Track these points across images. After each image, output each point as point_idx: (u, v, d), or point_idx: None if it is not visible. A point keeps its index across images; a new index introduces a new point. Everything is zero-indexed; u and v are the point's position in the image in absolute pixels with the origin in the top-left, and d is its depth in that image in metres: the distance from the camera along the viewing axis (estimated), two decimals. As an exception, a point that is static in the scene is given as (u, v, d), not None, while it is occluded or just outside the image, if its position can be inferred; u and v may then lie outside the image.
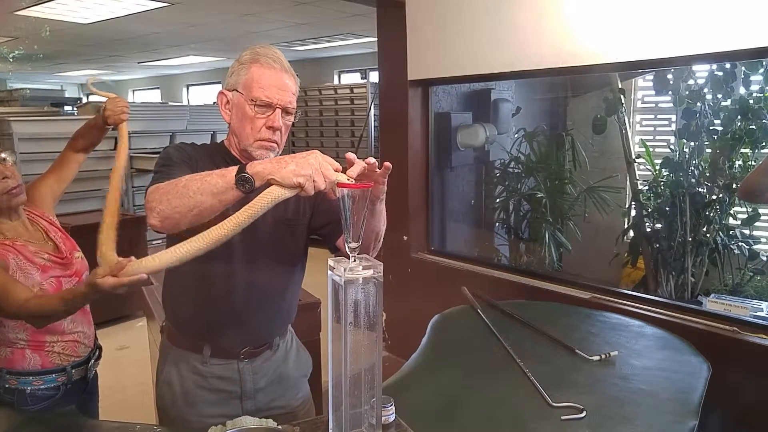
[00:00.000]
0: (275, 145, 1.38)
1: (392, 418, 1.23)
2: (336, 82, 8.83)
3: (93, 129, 1.81)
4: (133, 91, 13.05)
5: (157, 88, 12.30)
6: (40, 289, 1.54)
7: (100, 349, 1.80)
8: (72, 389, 1.63)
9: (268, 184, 1.07)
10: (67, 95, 9.59)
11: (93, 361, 1.71)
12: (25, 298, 1.39)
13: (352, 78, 8.67)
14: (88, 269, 1.69)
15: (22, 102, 6.02)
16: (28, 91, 6.82)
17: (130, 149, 5.08)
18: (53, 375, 1.59)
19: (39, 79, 11.75)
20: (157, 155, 1.39)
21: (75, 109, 5.91)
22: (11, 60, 7.98)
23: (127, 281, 1.09)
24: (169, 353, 1.46)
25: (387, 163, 1.16)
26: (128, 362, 3.72)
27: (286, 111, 1.36)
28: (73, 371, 1.63)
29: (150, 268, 1.08)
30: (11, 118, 4.73)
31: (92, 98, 13.04)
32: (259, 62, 1.34)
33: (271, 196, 1.06)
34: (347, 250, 1.11)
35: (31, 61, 8.32)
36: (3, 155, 1.58)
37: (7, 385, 1.55)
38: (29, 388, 1.56)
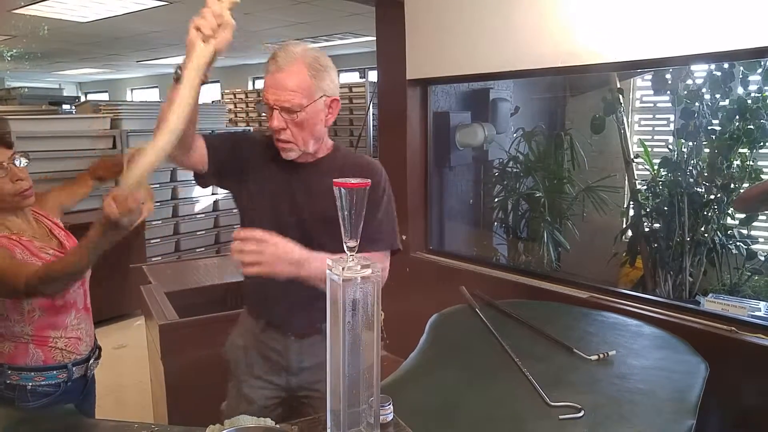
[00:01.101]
0: (288, 144, 1.43)
1: (390, 417, 1.24)
2: (335, 81, 8.82)
3: (113, 167, 1.89)
4: (132, 89, 13.03)
5: (156, 87, 12.29)
6: None
7: (100, 349, 1.80)
8: (72, 387, 1.64)
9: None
10: (65, 94, 9.57)
11: (93, 360, 1.72)
12: (33, 270, 1.41)
13: (351, 77, 8.67)
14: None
15: (20, 100, 5.99)
16: (26, 90, 6.79)
17: (128, 148, 5.07)
18: (54, 372, 1.59)
19: (37, 77, 11.74)
20: None
21: (73, 107, 5.88)
22: (9, 58, 7.97)
23: (131, 202, 1.12)
24: (242, 317, 1.65)
25: None
26: (126, 361, 3.71)
27: (285, 109, 1.37)
28: (74, 369, 1.63)
29: (141, 171, 1.08)
30: (9, 117, 4.71)
31: (90, 97, 13.03)
32: (267, 65, 1.40)
33: (198, 55, 1.14)
34: (345, 248, 1.12)
35: (29, 59, 8.31)
36: (18, 157, 1.59)
37: (8, 381, 1.55)
38: (30, 384, 1.56)
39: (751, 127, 3.25)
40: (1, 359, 1.56)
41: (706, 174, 3.47)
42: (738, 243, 3.47)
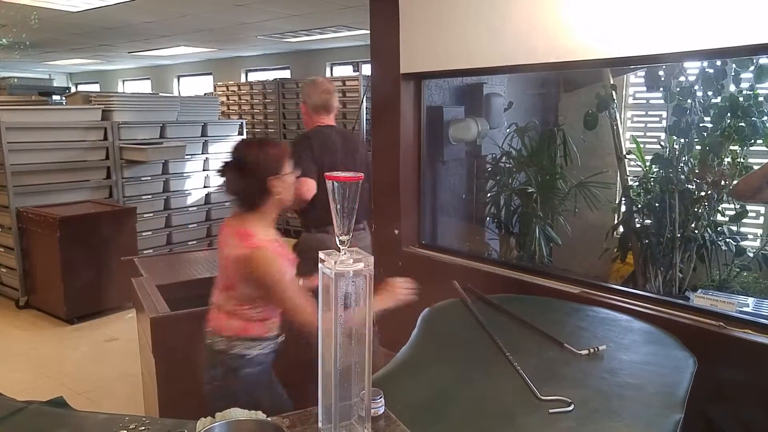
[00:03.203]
0: None
1: (381, 410, 1.24)
2: (328, 74, 8.79)
3: None
4: (123, 81, 12.91)
5: (148, 78, 12.18)
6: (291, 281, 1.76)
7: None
8: (272, 357, 1.86)
9: None
10: (55, 84, 9.47)
11: (280, 339, 1.89)
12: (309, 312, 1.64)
13: (345, 70, 8.64)
14: None
15: (10, 91, 5.92)
16: (16, 80, 6.71)
17: (119, 140, 5.03)
18: (268, 342, 1.83)
19: (27, 67, 11.59)
20: (147, 146, 1.44)
21: (63, 98, 5.83)
22: (-2, 48, 7.86)
23: None
24: None
25: None
26: (117, 354, 3.70)
27: None
28: (277, 339, 1.87)
29: None
30: (-2, 107, 4.67)
31: (81, 87, 12.88)
32: None
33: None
34: (337, 242, 1.11)
35: (18, 49, 8.20)
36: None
37: (234, 351, 1.78)
38: (254, 351, 1.80)
39: (742, 124, 3.27)
40: (229, 333, 1.79)
41: (697, 171, 3.49)
42: (727, 239, 3.50)
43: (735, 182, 3.18)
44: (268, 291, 1.73)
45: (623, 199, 3.91)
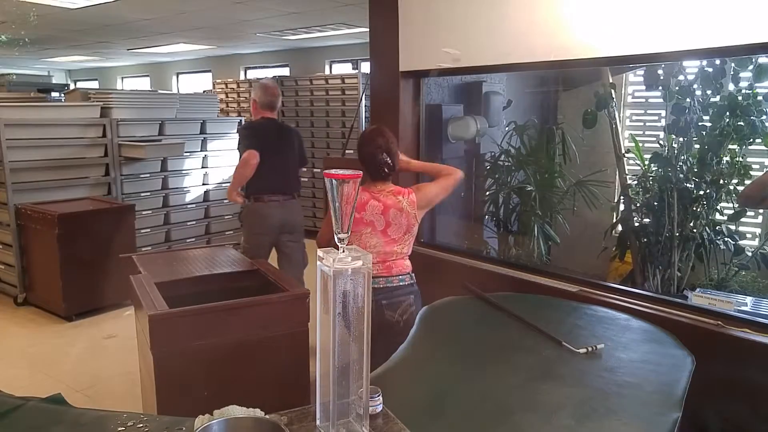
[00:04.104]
0: None
1: (379, 408, 1.24)
2: (327, 71, 8.78)
3: None
4: (122, 78, 12.89)
5: (147, 75, 12.16)
6: None
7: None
8: None
9: None
10: (54, 81, 9.43)
11: None
12: None
13: (344, 68, 8.63)
14: None
15: (8, 87, 5.90)
16: (15, 77, 6.68)
17: (118, 137, 5.03)
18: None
19: (25, 64, 11.57)
20: (146, 143, 1.42)
21: (62, 95, 5.81)
22: (-3, 45, 7.84)
23: None
24: None
25: None
26: (115, 351, 3.70)
27: None
28: None
29: None
30: (-3, 104, 4.66)
31: (80, 84, 12.85)
32: None
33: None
34: (336, 240, 1.11)
35: (17, 45, 8.18)
36: None
37: (414, 281, 2.40)
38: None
39: (741, 123, 3.27)
40: (409, 269, 2.40)
41: (695, 170, 3.49)
42: (726, 239, 3.50)
43: (741, 188, 3.21)
44: (438, 194, 2.46)
45: (622, 197, 3.91)
